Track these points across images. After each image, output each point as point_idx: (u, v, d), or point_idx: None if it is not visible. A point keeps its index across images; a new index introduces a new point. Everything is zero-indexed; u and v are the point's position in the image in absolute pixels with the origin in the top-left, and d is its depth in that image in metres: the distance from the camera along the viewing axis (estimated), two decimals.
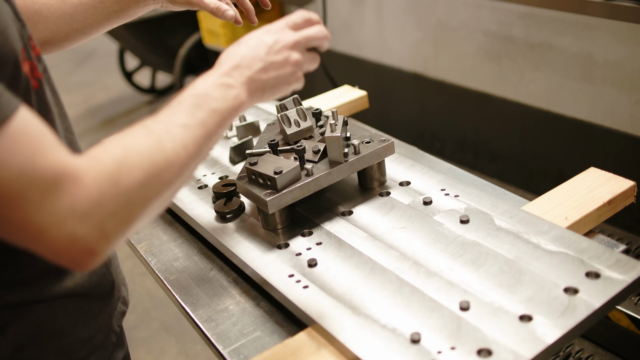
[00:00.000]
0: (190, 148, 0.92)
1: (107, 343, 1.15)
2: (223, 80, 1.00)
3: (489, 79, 2.50)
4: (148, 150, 0.87)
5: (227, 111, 0.98)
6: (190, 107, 0.96)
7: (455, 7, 2.47)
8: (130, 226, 0.85)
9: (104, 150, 0.85)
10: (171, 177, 0.90)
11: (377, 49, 3.00)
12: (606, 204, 1.27)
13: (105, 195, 0.81)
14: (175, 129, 0.91)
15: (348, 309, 1.06)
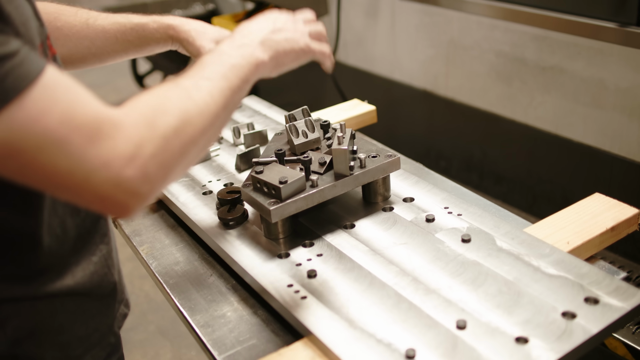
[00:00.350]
0: (217, 97, 0.96)
1: (105, 343, 1.16)
2: (238, 42, 1.06)
3: (498, 99, 2.50)
4: (179, 99, 0.92)
5: (247, 67, 1.03)
6: (211, 64, 1.00)
7: (468, 27, 2.48)
8: (170, 170, 0.89)
9: (139, 100, 0.89)
10: (203, 124, 0.93)
11: (388, 64, 3.01)
12: (609, 230, 1.26)
13: (144, 138, 0.84)
14: (201, 81, 0.96)
15: (345, 321, 1.06)
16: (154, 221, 1.58)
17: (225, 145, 1.74)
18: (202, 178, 1.58)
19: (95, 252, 1.15)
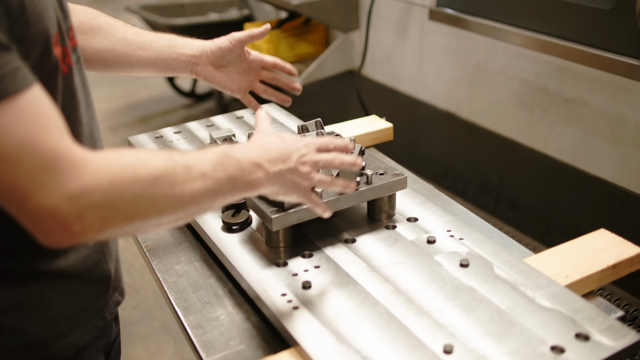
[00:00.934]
0: (196, 196, 0.97)
1: (92, 325, 1.17)
2: (258, 160, 1.07)
3: (519, 127, 2.49)
4: (159, 172, 0.93)
5: (244, 186, 1.05)
6: (217, 163, 1.01)
7: (495, 52, 2.48)
8: (109, 227, 0.89)
9: (118, 154, 0.91)
10: (166, 208, 0.94)
11: (414, 83, 3.01)
12: (610, 267, 1.25)
13: (98, 188, 0.86)
14: (195, 171, 0.97)
15: (333, 335, 1.06)
16: None
17: None
18: None
19: None
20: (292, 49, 3.50)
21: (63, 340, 1.13)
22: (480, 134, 2.72)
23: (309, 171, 1.13)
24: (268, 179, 1.08)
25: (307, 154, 1.13)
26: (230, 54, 1.52)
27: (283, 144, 1.13)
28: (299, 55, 3.53)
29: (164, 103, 5.64)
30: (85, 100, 1.14)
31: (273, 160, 1.09)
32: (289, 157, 1.11)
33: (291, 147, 1.13)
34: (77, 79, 1.10)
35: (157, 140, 1.85)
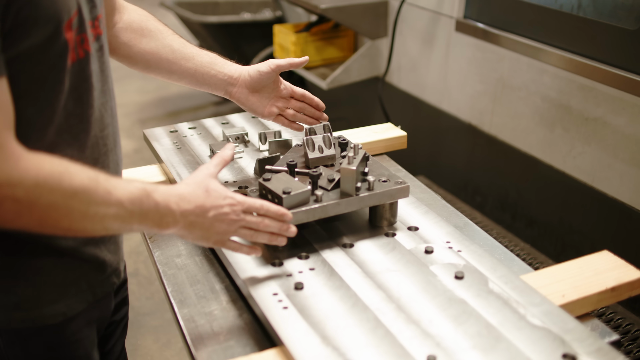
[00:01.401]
0: (107, 220, 1.03)
1: (81, 298, 1.22)
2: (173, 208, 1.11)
3: (539, 143, 2.47)
4: (81, 188, 0.99)
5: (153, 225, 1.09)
6: (136, 198, 1.06)
7: (519, 67, 2.46)
8: (19, 221, 0.97)
9: (50, 161, 0.98)
10: (77, 223, 1.01)
11: (438, 94, 3.00)
12: (609, 290, 1.24)
13: (22, 185, 0.94)
14: (113, 198, 1.03)
15: (319, 337, 1.07)
16: None
17: (251, 149, 1.77)
18: (220, 177, 1.61)
19: None
20: (319, 53, 3.51)
21: (51, 306, 1.18)
22: (500, 148, 2.70)
23: (225, 229, 1.16)
24: (177, 226, 1.12)
25: (228, 213, 1.15)
26: (267, 79, 1.54)
27: (205, 199, 1.14)
28: (326, 59, 3.54)
29: (193, 99, 5.69)
30: (101, 87, 1.19)
31: (187, 212, 1.12)
32: (205, 213, 1.14)
33: (212, 203, 1.15)
34: (95, 66, 1.15)
35: (172, 134, 1.87)
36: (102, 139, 1.20)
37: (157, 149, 1.77)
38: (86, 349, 1.27)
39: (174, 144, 1.80)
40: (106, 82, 1.21)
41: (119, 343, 1.54)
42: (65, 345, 1.23)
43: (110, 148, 1.23)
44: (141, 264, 3.44)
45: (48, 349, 1.22)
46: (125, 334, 1.59)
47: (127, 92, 5.88)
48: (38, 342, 1.20)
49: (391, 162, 1.85)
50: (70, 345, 1.24)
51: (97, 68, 1.17)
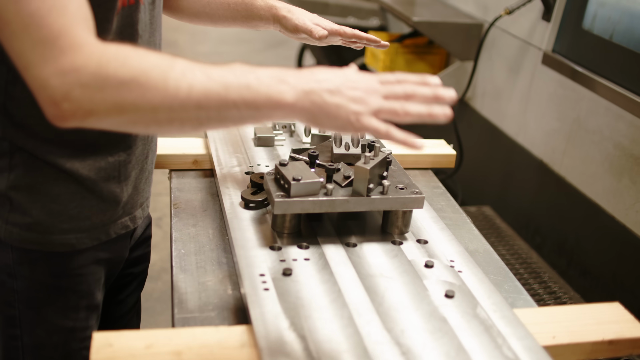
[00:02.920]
0: (195, 94, 0.90)
1: (93, 235, 1.27)
2: (282, 74, 0.95)
3: (605, 192, 2.36)
4: (153, 64, 0.91)
5: (262, 98, 0.92)
6: (229, 68, 0.94)
7: (596, 109, 2.36)
8: (96, 110, 0.91)
9: (118, 45, 0.93)
10: (155, 102, 0.90)
11: (516, 125, 2.93)
12: (606, 342, 1.18)
13: (86, 68, 0.89)
14: (197, 70, 0.92)
15: (288, 322, 1.07)
16: (200, 184, 1.66)
17: (295, 139, 1.79)
18: (255, 159, 1.64)
19: (113, 154, 1.25)
20: (409, 66, 3.49)
21: (61, 235, 1.23)
22: (567, 190, 2.60)
23: (361, 96, 0.95)
24: (296, 95, 0.93)
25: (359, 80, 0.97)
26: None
27: (323, 68, 0.98)
28: (415, 73, 3.51)
29: None
30: (148, 38, 1.24)
31: (305, 79, 0.95)
32: (329, 80, 0.95)
33: (334, 73, 0.97)
34: (144, 16, 1.20)
35: None
36: None
37: None
38: (89, 286, 1.33)
39: None
40: (153, 35, 1.27)
41: (134, 295, 1.60)
42: (69, 276, 1.29)
43: None
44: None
45: (52, 276, 1.28)
46: (142, 288, 1.65)
47: None
48: (44, 266, 1.27)
49: (433, 177, 1.82)
50: (75, 278, 1.30)
51: (147, 19, 1.22)
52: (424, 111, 0.97)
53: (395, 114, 0.96)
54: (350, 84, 0.96)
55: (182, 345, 1.03)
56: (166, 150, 1.70)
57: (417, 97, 0.98)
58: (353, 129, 0.96)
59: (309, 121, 0.97)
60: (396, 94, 0.98)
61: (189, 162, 1.71)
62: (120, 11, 1.12)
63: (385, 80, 1.00)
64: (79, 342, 1.35)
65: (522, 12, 2.77)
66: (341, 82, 0.96)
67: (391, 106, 0.96)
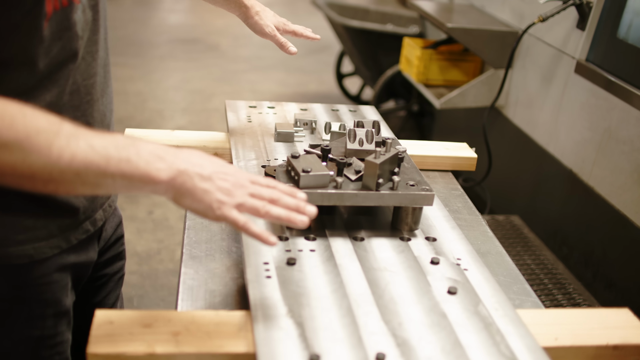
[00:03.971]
0: (76, 164, 0.92)
1: (53, 243, 1.23)
2: (161, 152, 0.99)
3: (633, 203, 2.32)
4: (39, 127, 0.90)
5: (139, 173, 0.96)
6: (113, 140, 0.96)
7: (627, 119, 2.33)
8: None
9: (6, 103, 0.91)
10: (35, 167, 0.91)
11: (547, 134, 2.90)
12: (610, 347, 1.16)
13: None
14: (81, 140, 0.93)
15: (287, 309, 1.08)
16: None
17: (315, 135, 1.80)
18: (273, 154, 1.66)
19: None
20: (442, 73, 3.48)
21: (18, 247, 1.18)
22: (595, 201, 2.56)
23: (229, 188, 1.02)
24: (170, 174, 0.98)
25: (231, 174, 1.04)
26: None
27: (202, 154, 1.05)
28: (449, 80, 3.51)
29: (328, 99, 5.80)
30: (90, 36, 1.19)
31: (181, 160, 1.00)
32: (204, 165, 1.02)
33: (211, 161, 1.05)
34: (82, 15, 1.15)
35: (250, 109, 1.94)
36: (86, 87, 1.19)
37: (229, 119, 1.84)
38: (54, 294, 1.28)
39: (247, 117, 1.87)
40: (97, 32, 1.21)
41: (112, 296, 1.57)
42: (31, 286, 1.24)
43: (96, 98, 1.23)
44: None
45: (13, 288, 1.23)
46: (120, 287, 1.62)
47: (267, 80, 6.10)
48: (3, 279, 1.21)
49: (452, 179, 1.82)
50: (38, 288, 1.25)
51: (87, 18, 1.17)
52: (284, 215, 1.03)
53: (257, 211, 1.03)
54: (222, 175, 1.03)
55: (180, 327, 1.05)
56: (187, 142, 1.73)
57: (281, 204, 1.05)
58: (213, 216, 1.02)
59: (174, 199, 1.02)
60: (261, 195, 1.04)
61: (210, 154, 1.73)
62: (52, 16, 1.06)
63: (256, 181, 1.07)
64: (49, 349, 1.31)
65: (557, 20, 2.75)
66: (213, 170, 1.03)
67: (254, 204, 1.03)
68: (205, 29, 7.75)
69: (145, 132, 1.76)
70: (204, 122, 5.00)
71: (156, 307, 2.95)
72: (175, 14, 8.75)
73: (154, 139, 1.73)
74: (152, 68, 6.21)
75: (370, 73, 5.06)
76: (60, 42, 1.11)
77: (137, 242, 3.39)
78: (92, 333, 1.01)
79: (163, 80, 5.94)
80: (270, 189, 1.06)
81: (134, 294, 3.03)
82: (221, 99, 5.53)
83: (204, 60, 6.58)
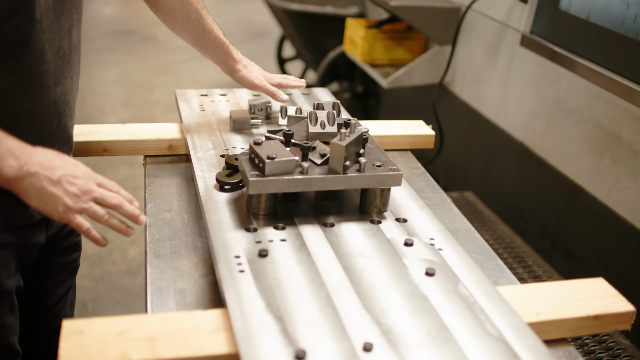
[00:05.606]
0: None
1: None
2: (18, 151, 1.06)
3: (586, 172, 2.35)
4: None
5: None
6: None
7: (575, 89, 2.35)
8: None
9: None
10: None
11: (495, 108, 2.91)
12: (591, 317, 1.15)
13: None
14: None
15: (265, 303, 1.03)
16: (175, 169, 1.62)
17: (271, 121, 1.75)
18: (230, 142, 1.60)
19: None
20: (387, 52, 3.46)
21: None
22: (548, 172, 2.58)
23: (76, 193, 1.09)
24: (20, 174, 1.05)
25: (80, 177, 1.10)
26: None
27: (58, 156, 1.09)
28: (394, 59, 3.49)
29: None
30: (50, 23, 1.19)
31: (34, 161, 1.05)
32: (55, 168, 1.07)
33: (64, 163, 1.09)
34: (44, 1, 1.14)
35: (201, 97, 1.87)
36: (38, 72, 1.19)
37: (181, 108, 1.78)
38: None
39: (200, 106, 1.80)
40: (58, 20, 1.21)
41: (63, 286, 1.56)
42: None
43: (46, 85, 1.22)
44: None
45: None
46: (73, 279, 1.61)
47: (207, 70, 5.98)
48: None
49: (412, 158, 1.80)
50: None
51: (48, 3, 1.16)
52: (118, 227, 1.15)
53: (98, 218, 1.12)
54: (71, 179, 1.09)
55: (155, 331, 0.99)
56: (140, 135, 1.66)
57: (122, 210, 1.15)
58: (59, 218, 1.10)
59: (23, 197, 1.08)
60: (105, 201, 1.13)
61: (164, 147, 1.67)
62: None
63: (102, 184, 1.14)
64: None
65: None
66: (63, 174, 1.08)
67: (96, 211, 1.11)
68: (141, 20, 7.54)
69: (97, 128, 1.67)
70: (146, 116, 4.87)
71: (113, 311, 2.85)
72: (109, 6, 8.50)
73: (105, 132, 1.65)
74: (88, 62, 6.01)
75: (312, 56, 5.00)
76: (16, 21, 1.09)
77: (87, 243, 3.26)
78: (61, 346, 0.94)
79: (101, 74, 5.76)
80: (114, 195, 1.14)
81: (88, 299, 2.92)
82: (162, 91, 5.40)
83: (141, 52, 6.41)
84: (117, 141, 1.64)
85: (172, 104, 5.11)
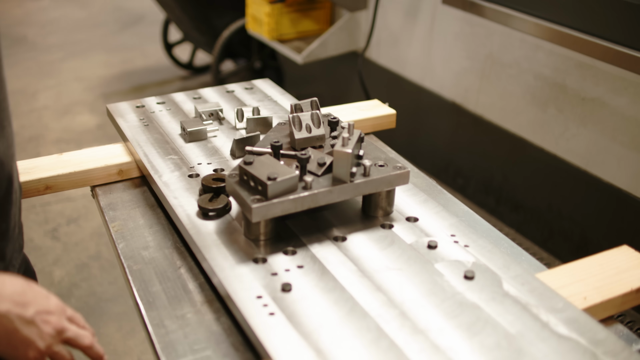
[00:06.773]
0: None
1: None
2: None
3: (530, 124, 2.33)
4: None
5: None
6: None
7: (510, 43, 2.31)
8: None
9: None
10: None
11: (420, 70, 2.85)
12: (634, 291, 1.10)
13: None
14: None
15: (313, 350, 0.91)
16: (133, 197, 1.44)
17: (226, 127, 1.59)
18: (192, 159, 1.44)
19: None
20: (294, 25, 3.32)
21: None
22: (487, 128, 2.56)
23: (50, 333, 0.97)
24: None
25: (54, 313, 0.98)
26: None
27: (27, 285, 0.96)
28: (302, 32, 3.36)
29: (160, 73, 5.46)
30: None
31: (3, 296, 0.92)
32: (27, 304, 0.94)
33: (35, 295, 0.96)
34: None
35: (138, 110, 1.68)
36: None
37: (122, 126, 1.58)
38: None
39: (141, 121, 1.62)
40: None
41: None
42: None
43: None
44: (103, 247, 3.25)
45: None
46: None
47: (90, 65, 5.62)
48: None
49: (379, 142, 1.69)
50: None
51: None
52: None
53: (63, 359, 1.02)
54: (45, 315, 0.97)
55: None
56: (84, 165, 1.46)
57: (91, 352, 1.05)
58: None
59: None
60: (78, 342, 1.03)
61: (114, 173, 1.48)
62: None
63: (72, 317, 1.04)
64: None
65: None
66: (37, 311, 0.95)
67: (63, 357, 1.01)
68: (5, 22, 6.98)
69: (33, 163, 1.46)
70: (36, 124, 4.51)
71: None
72: None
73: (44, 167, 1.44)
74: None
75: (205, 37, 4.77)
76: None
77: None
78: None
79: None
80: (86, 334, 1.04)
81: None
82: (48, 95, 5.01)
83: (14, 56, 5.93)
84: (59, 175, 1.44)
85: (62, 107, 4.76)
